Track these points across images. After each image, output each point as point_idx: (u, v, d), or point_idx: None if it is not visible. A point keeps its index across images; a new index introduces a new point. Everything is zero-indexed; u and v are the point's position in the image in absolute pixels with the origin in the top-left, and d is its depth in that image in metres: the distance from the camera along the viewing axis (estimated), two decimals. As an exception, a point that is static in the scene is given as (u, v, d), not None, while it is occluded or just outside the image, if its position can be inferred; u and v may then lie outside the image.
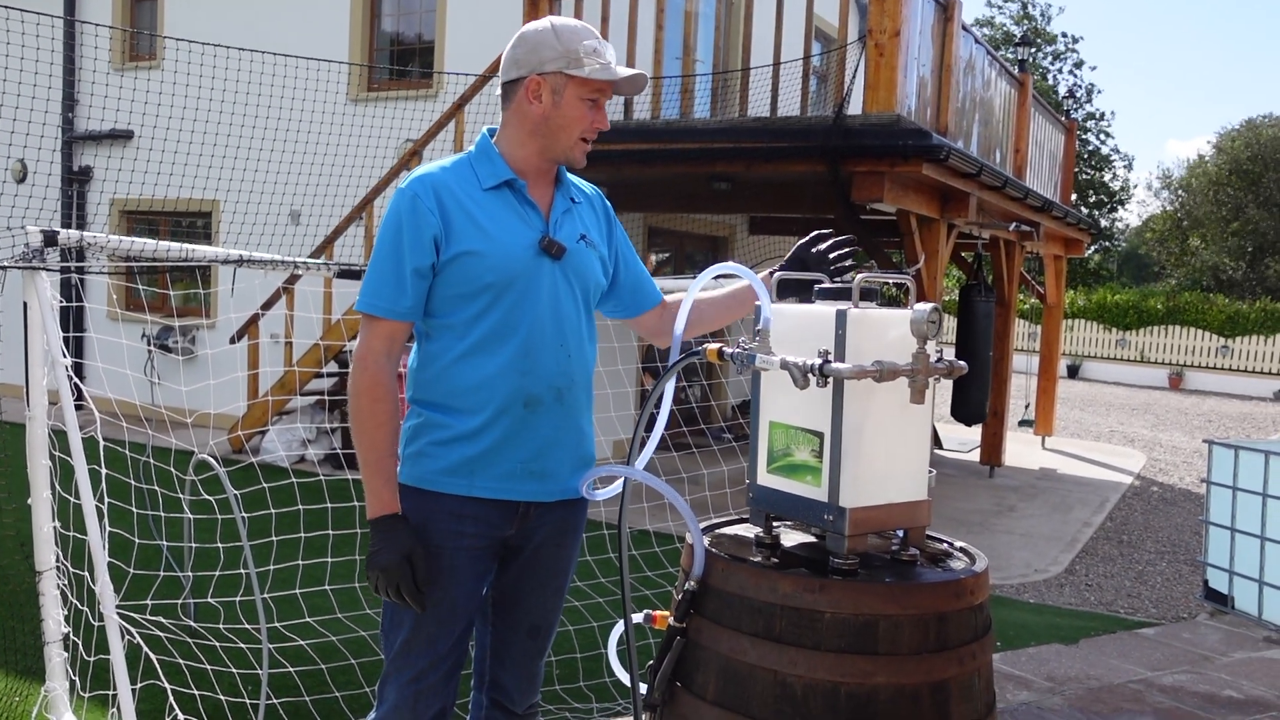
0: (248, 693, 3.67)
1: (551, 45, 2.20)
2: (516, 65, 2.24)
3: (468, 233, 2.18)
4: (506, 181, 2.24)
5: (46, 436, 3.13)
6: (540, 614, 2.41)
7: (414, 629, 2.25)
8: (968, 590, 1.94)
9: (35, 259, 3.06)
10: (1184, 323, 23.38)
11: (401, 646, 2.26)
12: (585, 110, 2.24)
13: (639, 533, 5.77)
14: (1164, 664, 4.71)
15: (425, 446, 2.23)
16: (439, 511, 2.22)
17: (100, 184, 11.16)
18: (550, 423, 2.25)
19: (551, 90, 2.21)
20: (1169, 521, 8.47)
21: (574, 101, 2.22)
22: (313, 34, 9.80)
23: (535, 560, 2.35)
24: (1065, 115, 13.03)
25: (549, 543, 2.36)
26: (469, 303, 2.19)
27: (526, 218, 2.25)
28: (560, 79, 2.21)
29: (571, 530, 2.41)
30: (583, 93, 2.22)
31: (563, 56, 2.20)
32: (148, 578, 4.03)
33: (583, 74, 2.20)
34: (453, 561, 2.22)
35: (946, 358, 1.98)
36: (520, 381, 2.21)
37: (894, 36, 6.35)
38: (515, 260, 2.19)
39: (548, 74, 2.21)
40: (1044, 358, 12.37)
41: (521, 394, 2.21)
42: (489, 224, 2.20)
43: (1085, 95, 34.40)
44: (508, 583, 2.38)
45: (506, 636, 2.40)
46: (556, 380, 2.25)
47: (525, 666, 2.43)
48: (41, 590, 3.18)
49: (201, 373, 9.69)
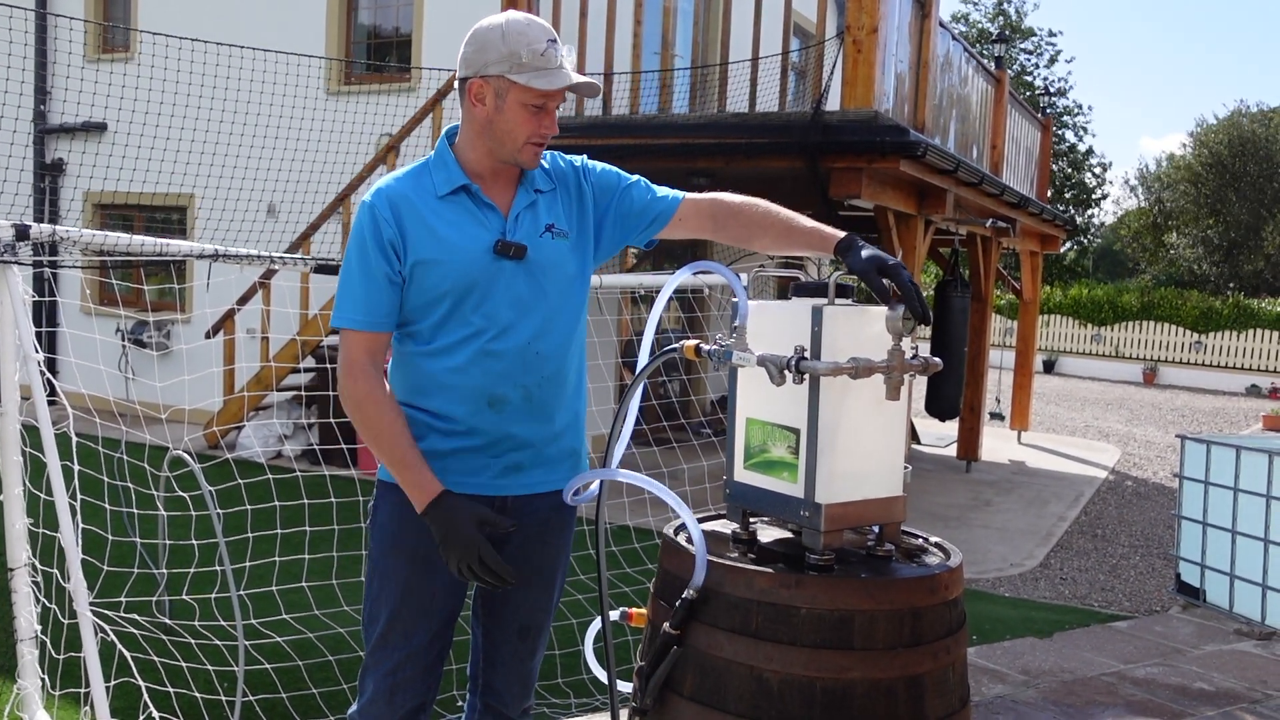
0: (224, 690, 3.65)
1: (496, 47, 2.13)
2: (465, 64, 2.19)
3: (424, 242, 2.16)
4: (461, 187, 2.22)
5: (18, 432, 3.10)
6: (529, 613, 2.39)
7: (390, 622, 2.25)
8: (942, 585, 1.96)
9: (7, 253, 3.02)
10: (1158, 318, 23.58)
11: (379, 639, 2.26)
12: (529, 116, 2.17)
13: (618, 528, 5.77)
14: (1137, 657, 4.75)
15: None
16: (412, 506, 2.20)
17: (73, 177, 11.05)
18: (520, 421, 2.24)
19: (494, 93, 2.15)
20: (1142, 516, 8.55)
21: (516, 107, 2.16)
22: (289, 27, 9.73)
23: (520, 557, 2.33)
24: (1042, 112, 13.09)
25: (534, 539, 2.34)
26: (431, 309, 2.19)
27: (484, 221, 2.22)
28: (503, 83, 2.14)
29: (557, 527, 2.39)
30: (526, 99, 2.15)
31: (506, 59, 2.12)
32: (122, 575, 4.00)
33: (524, 80, 2.13)
34: (430, 554, 2.20)
35: (922, 354, 1.99)
36: (482, 382, 2.20)
37: (872, 33, 6.37)
38: (472, 265, 2.17)
39: (490, 77, 2.14)
40: (1020, 353, 12.45)
41: (484, 394, 2.21)
42: (445, 231, 2.18)
43: (1059, 91, 34.61)
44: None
45: (496, 638, 2.39)
46: (523, 379, 2.23)
47: (517, 668, 2.40)
48: (14, 588, 3.15)
49: (176, 368, 9.62)
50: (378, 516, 2.30)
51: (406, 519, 2.20)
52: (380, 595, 2.28)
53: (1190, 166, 33.29)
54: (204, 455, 3.97)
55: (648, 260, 10.78)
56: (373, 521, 2.32)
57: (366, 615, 2.32)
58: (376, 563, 2.29)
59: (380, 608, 2.25)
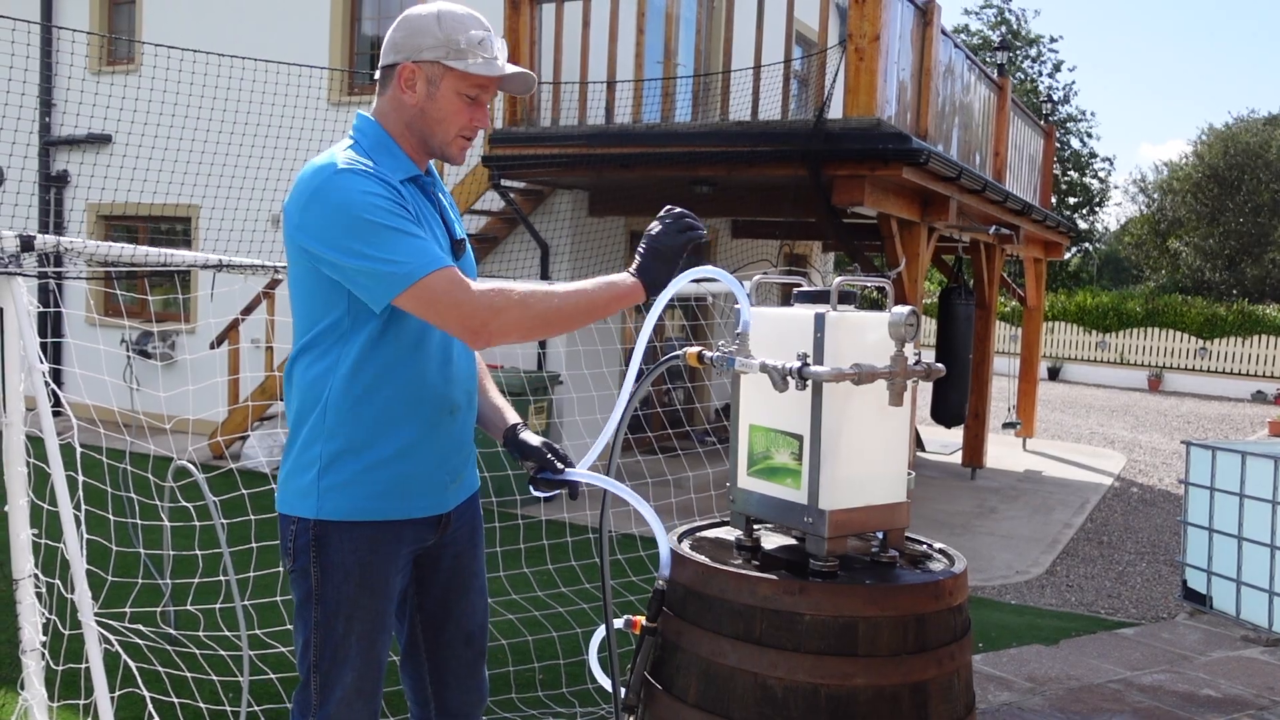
0: (228, 700, 3.64)
1: (432, 32, 2.05)
2: (394, 49, 2.08)
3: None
4: (414, 178, 2.11)
5: (23, 443, 3.11)
6: (471, 619, 2.33)
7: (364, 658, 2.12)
8: (946, 591, 1.95)
9: (11, 264, 3.03)
10: (1163, 325, 23.55)
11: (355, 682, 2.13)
12: (463, 105, 2.08)
13: (622, 536, 5.76)
14: (1143, 664, 4.74)
15: (354, 474, 2.08)
16: (381, 541, 2.11)
17: (77, 189, 11.08)
18: (465, 426, 2.22)
19: (426, 80, 2.06)
20: (1148, 522, 8.53)
21: (450, 95, 2.07)
22: (293, 38, 9.76)
23: (457, 567, 2.29)
24: (1044, 119, 13.09)
25: (466, 545, 2.30)
26: (388, 312, 2.02)
27: (432, 216, 2.12)
28: (437, 69, 2.06)
29: (478, 528, 2.36)
30: (460, 87, 2.07)
31: (442, 45, 2.04)
32: (126, 585, 4.00)
33: (461, 67, 2.05)
34: (393, 587, 2.16)
35: (925, 360, 1.99)
36: (445, 390, 2.14)
37: (874, 41, 6.38)
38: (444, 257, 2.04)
39: (424, 62, 2.06)
40: (1024, 360, 12.44)
41: (447, 403, 2.15)
42: (420, 219, 2.06)
43: (1063, 96, 34.61)
44: (432, 603, 2.28)
45: (444, 654, 2.30)
46: (468, 383, 2.21)
47: (470, 678, 2.34)
48: (18, 599, 3.15)
49: (181, 378, 9.62)
50: (335, 557, 2.08)
51: (379, 554, 2.10)
52: (347, 635, 2.11)
53: (1189, 176, 33.29)
54: (208, 465, 3.97)
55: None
56: (323, 560, 2.09)
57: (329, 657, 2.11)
58: (339, 605, 2.09)
59: (348, 649, 2.11)
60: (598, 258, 9.11)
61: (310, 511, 2.09)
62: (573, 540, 5.54)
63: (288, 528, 2.14)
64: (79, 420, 3.20)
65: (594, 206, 9.12)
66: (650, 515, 2.06)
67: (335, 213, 1.96)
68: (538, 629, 4.61)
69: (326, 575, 2.10)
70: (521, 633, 4.54)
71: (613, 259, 9.37)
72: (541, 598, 4.98)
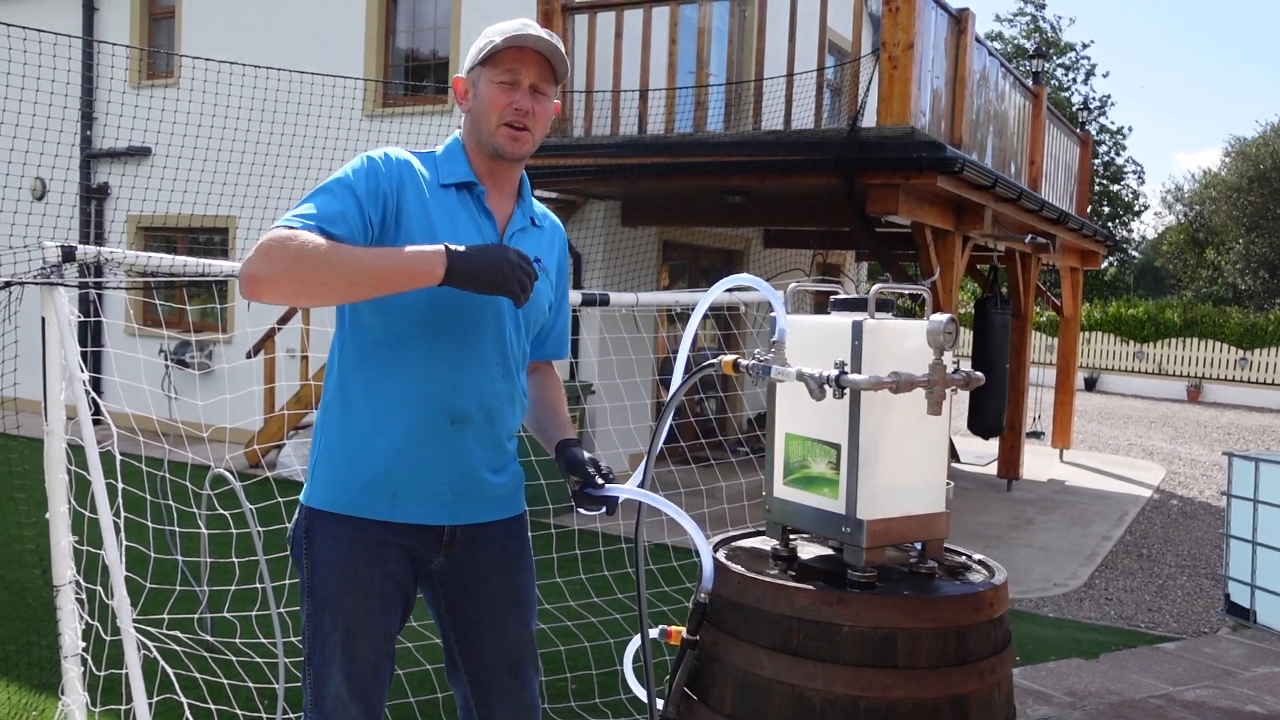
0: (264, 707, 3.66)
1: (475, 46, 2.19)
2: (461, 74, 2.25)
3: (417, 225, 2.07)
4: (466, 183, 2.18)
5: (64, 451, 3.14)
6: (513, 649, 2.29)
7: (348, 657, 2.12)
8: (987, 603, 1.92)
9: (53, 275, 3.07)
10: (1202, 335, 23.23)
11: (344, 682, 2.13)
12: (500, 92, 2.14)
13: (656, 547, 5.75)
14: (1186, 679, 4.65)
15: (341, 465, 2.12)
16: (361, 540, 2.11)
17: (118, 201, 11.24)
18: (480, 443, 2.16)
19: (471, 83, 2.19)
20: (1189, 535, 8.39)
21: (487, 85, 2.15)
22: (328, 51, 9.86)
23: (487, 595, 2.25)
24: (1080, 127, 12.98)
25: (496, 572, 2.26)
26: (405, 304, 2.05)
27: (480, 226, 2.16)
28: (476, 71, 2.18)
29: (518, 554, 2.30)
30: (493, 75, 2.14)
31: (478, 52, 2.17)
32: (164, 592, 4.04)
33: (484, 55, 2.14)
34: (383, 588, 2.14)
35: (964, 368, 1.97)
36: (450, 396, 2.11)
37: (907, 49, 6.35)
38: None
39: (469, 72, 2.20)
40: (1061, 370, 12.30)
41: (449, 410, 2.11)
42: (440, 223, 2.10)
43: (1100, 108, 34.30)
44: (467, 626, 2.27)
45: (487, 682, 2.28)
46: (490, 400, 2.16)
47: (518, 703, 2.31)
48: (59, 605, 3.19)
49: (218, 387, 9.72)
50: (321, 552, 2.12)
51: (359, 554, 2.11)
52: (333, 632, 2.13)
53: (1226, 182, 32.82)
54: (245, 474, 4.00)
55: (683, 278, 10.78)
56: (311, 554, 2.14)
57: (318, 652, 2.14)
58: (325, 601, 2.12)
59: (335, 646, 2.12)
60: (631, 267, 9.11)
61: (305, 497, 2.18)
62: (605, 550, 5.53)
63: (296, 514, 2.22)
64: (118, 428, 3.24)
65: (626, 216, 9.13)
66: (694, 530, 2.03)
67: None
68: (570, 639, 4.60)
69: (314, 568, 2.15)
70: (554, 642, 4.53)
71: (646, 269, 9.37)
72: (574, 607, 4.98)
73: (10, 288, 3.24)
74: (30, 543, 5.02)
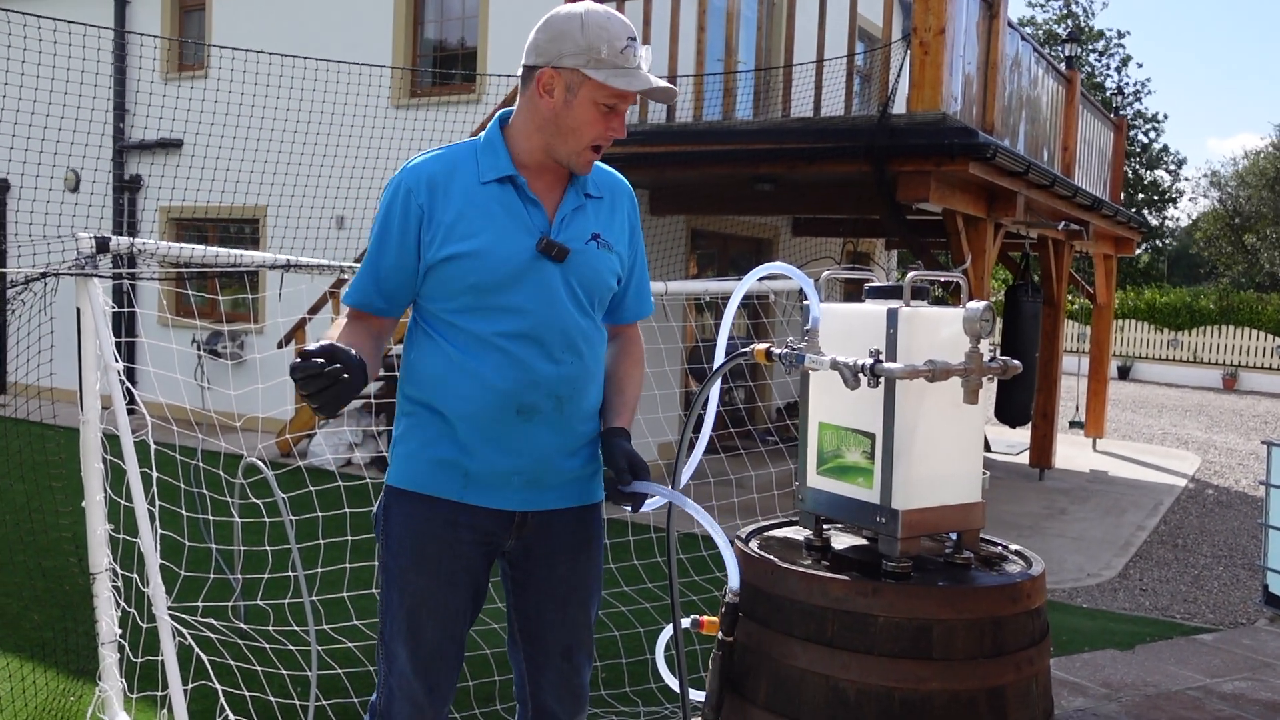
0: (297, 694, 3.69)
1: (574, 38, 2.01)
2: (536, 52, 2.07)
3: (457, 232, 2.05)
4: (508, 177, 2.10)
5: (99, 440, 3.17)
6: (570, 634, 2.29)
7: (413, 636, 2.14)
8: (1024, 594, 1.90)
9: (88, 266, 3.10)
10: (1237, 323, 22.92)
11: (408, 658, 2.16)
12: (598, 115, 2.05)
13: (687, 537, 5.74)
14: (1223, 671, 4.60)
15: (416, 447, 2.15)
16: (434, 518, 2.13)
17: (150, 192, 11.34)
18: (550, 431, 2.13)
19: (565, 87, 2.03)
20: (1225, 525, 8.29)
21: (587, 104, 2.04)
22: (357, 41, 9.89)
23: (551, 579, 2.25)
24: (1114, 112, 12.81)
25: (563, 558, 2.25)
26: (463, 304, 2.08)
27: (528, 216, 2.10)
28: (577, 77, 2.02)
29: (586, 541, 2.28)
30: (599, 96, 2.03)
31: (584, 53, 2.00)
32: (198, 580, 4.07)
33: (602, 78, 2.01)
34: (450, 568, 2.15)
35: (1000, 357, 1.94)
36: (515, 388, 2.08)
37: (939, 34, 6.27)
38: (510, 262, 2.06)
39: (564, 69, 2.02)
40: (1094, 359, 12.17)
41: (514, 401, 2.09)
42: (482, 223, 2.07)
43: (1134, 94, 33.86)
44: (529, 608, 2.27)
45: (540, 661, 2.29)
46: (557, 388, 2.13)
47: (567, 686, 2.31)
48: (95, 592, 3.22)
49: (250, 377, 9.80)
50: (394, 529, 2.18)
51: (427, 533, 2.13)
52: (400, 609, 2.17)
53: (1265, 171, 32.30)
54: (277, 463, 4.03)
55: (712, 267, 10.74)
56: (387, 531, 2.19)
57: (388, 627, 2.19)
58: (394, 577, 2.17)
59: (401, 622, 2.16)
60: (659, 256, 9.09)
61: (387, 477, 2.22)
62: (635, 539, 5.53)
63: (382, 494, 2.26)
64: (152, 418, 3.26)
65: (655, 205, 9.10)
66: (719, 535, 2.00)
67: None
68: (601, 627, 4.58)
69: (388, 545, 2.19)
70: (584, 631, 4.53)
71: (675, 258, 9.34)
72: (604, 596, 4.98)
73: (46, 279, 3.27)
74: (67, 531, 5.08)
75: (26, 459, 5.62)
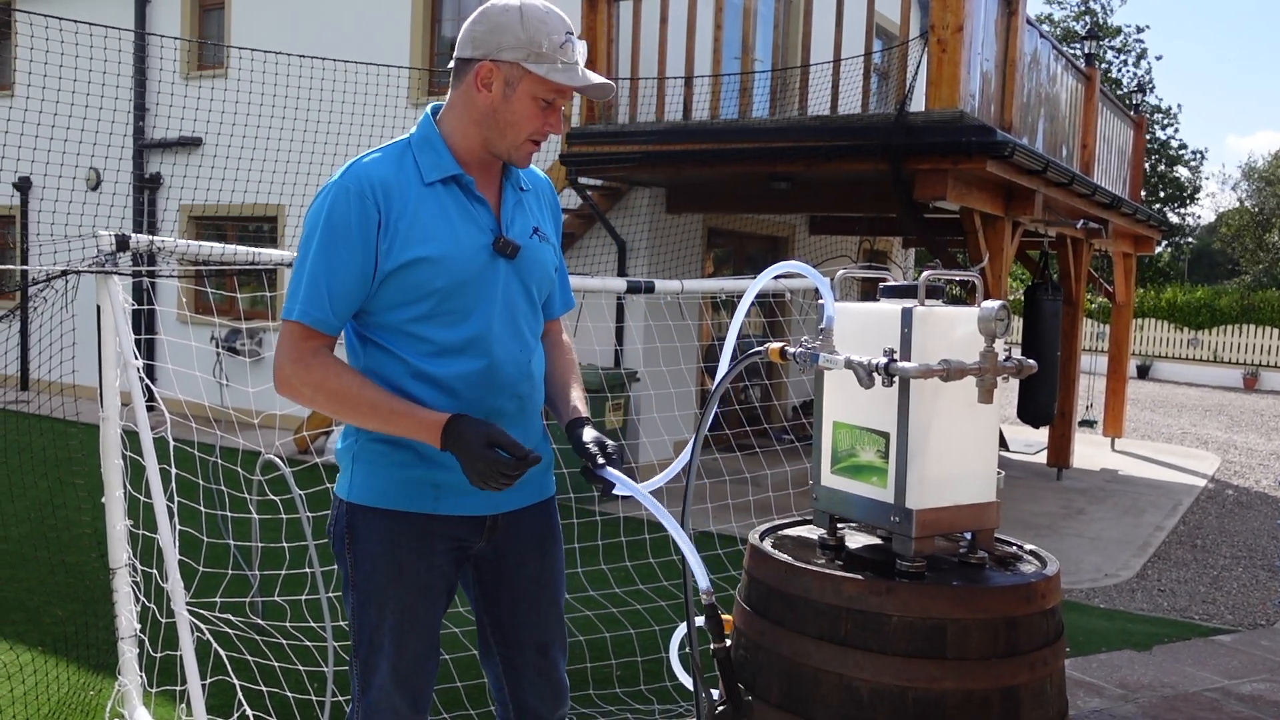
0: (314, 690, 3.71)
1: (514, 31, 1.98)
2: (473, 44, 2.02)
3: (414, 237, 2.00)
4: (453, 177, 2.06)
5: (119, 437, 3.20)
6: (545, 630, 2.29)
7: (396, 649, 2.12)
8: (1039, 594, 1.90)
9: (108, 263, 3.13)
10: (1259, 321, 22.73)
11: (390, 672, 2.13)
12: (537, 110, 2.03)
13: (700, 534, 5.74)
14: (1242, 672, 4.57)
15: (379, 464, 2.10)
16: (405, 532, 2.10)
17: (170, 190, 11.42)
18: (514, 430, 2.10)
19: (504, 81, 2.00)
20: (1245, 525, 8.23)
21: (526, 99, 2.01)
22: (374, 40, 9.92)
23: (522, 578, 2.25)
24: (1134, 109, 12.73)
25: (532, 555, 2.25)
26: (423, 310, 2.03)
27: (476, 216, 2.07)
28: (516, 71, 1.99)
29: (551, 535, 2.30)
30: (538, 91, 2.01)
31: (524, 47, 1.98)
32: (216, 576, 4.10)
33: (542, 72, 1.99)
34: (428, 580, 2.13)
35: (1015, 356, 1.94)
36: (481, 394, 2.07)
37: (957, 32, 6.25)
38: (468, 265, 2.03)
39: (503, 62, 1.99)
40: (1113, 358, 12.11)
41: (481, 406, 2.07)
42: (436, 226, 2.02)
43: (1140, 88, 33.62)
44: (502, 611, 2.26)
45: (519, 663, 2.28)
46: (518, 387, 2.13)
47: (547, 683, 2.31)
48: (115, 587, 3.25)
49: (268, 374, 9.83)
50: (365, 546, 2.11)
51: (404, 545, 2.10)
52: (380, 625, 2.12)
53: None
54: (294, 460, 4.05)
55: (728, 265, 10.73)
56: (355, 548, 2.13)
57: (365, 644, 2.14)
58: (371, 594, 2.12)
59: (382, 638, 2.12)
60: (675, 255, 9.09)
61: (345, 493, 2.15)
62: (650, 537, 5.54)
63: (333, 509, 2.20)
64: (172, 415, 3.29)
65: (671, 203, 9.10)
66: (680, 535, 2.00)
67: (308, 220, 2.08)
68: (615, 626, 4.62)
69: (358, 562, 2.13)
70: (599, 629, 4.55)
71: (691, 256, 9.34)
72: (619, 594, 4.99)
73: (67, 276, 3.30)
74: (87, 526, 5.13)
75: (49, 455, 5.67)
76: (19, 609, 4.85)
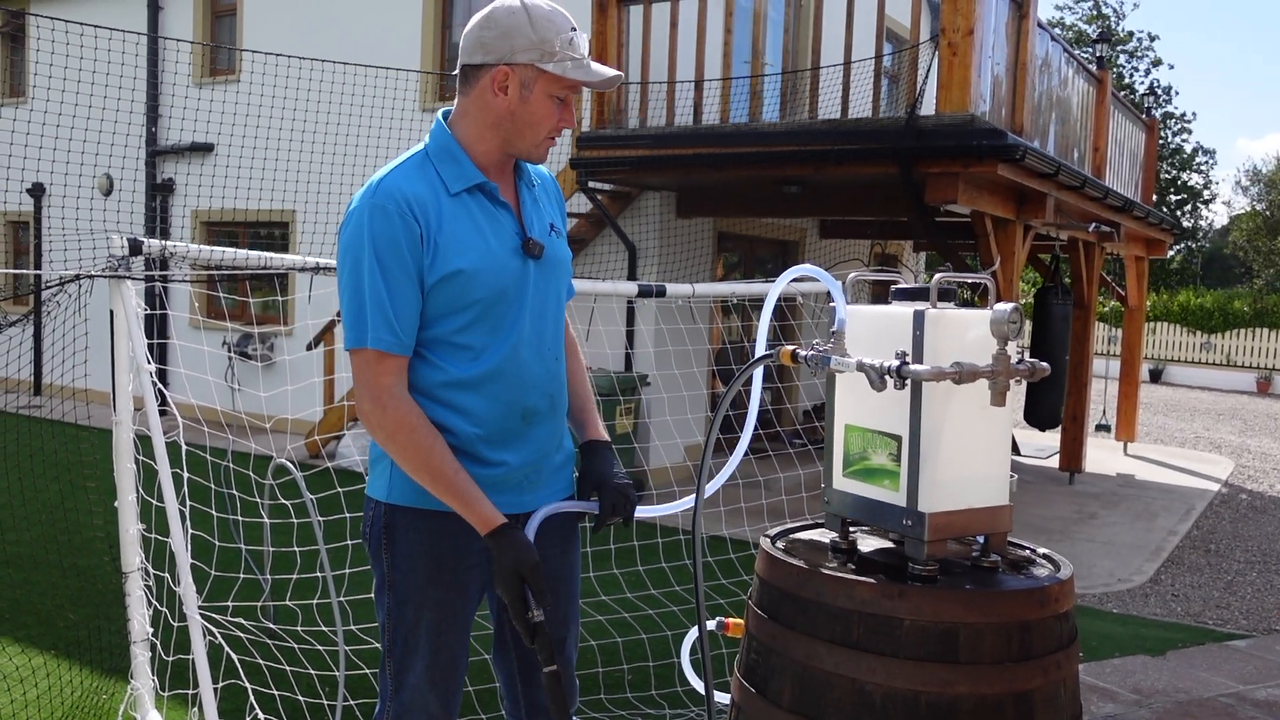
0: (325, 694, 3.71)
1: (525, 33, 1.99)
2: (483, 49, 2.02)
3: (451, 250, 2.01)
4: (477, 185, 2.07)
5: (132, 441, 3.21)
6: (562, 626, 2.30)
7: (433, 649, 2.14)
8: (1052, 598, 1.89)
9: (121, 268, 3.14)
10: (1272, 325, 22.61)
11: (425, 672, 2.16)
12: (553, 108, 2.05)
13: (712, 538, 5.73)
14: (1257, 678, 4.54)
15: None
16: (444, 532, 2.11)
17: (182, 195, 11.47)
18: (546, 431, 2.16)
19: (520, 84, 2.01)
20: (1259, 530, 8.18)
21: (543, 98, 2.03)
22: (385, 45, 9.96)
23: (544, 571, 2.23)
24: (1146, 113, 12.68)
25: (555, 551, 2.27)
26: (457, 321, 2.05)
27: (502, 222, 2.09)
28: (531, 72, 2.01)
29: (570, 531, 2.33)
30: (553, 89, 2.03)
31: (536, 47, 1.99)
32: (228, 580, 4.11)
33: (557, 70, 2.00)
34: (465, 579, 2.15)
35: (1028, 359, 1.93)
36: (517, 395, 2.11)
37: (967, 35, 6.24)
38: (503, 272, 2.06)
39: (517, 65, 2.00)
40: (1125, 362, 12.05)
41: (518, 408, 2.11)
42: (469, 237, 2.03)
43: (1165, 95, 33.52)
44: None
45: (532, 658, 2.27)
46: (549, 386, 2.16)
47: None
48: (127, 591, 3.26)
49: (280, 379, 9.89)
50: (403, 546, 2.14)
51: (444, 546, 2.12)
52: (417, 624, 2.15)
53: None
54: (305, 464, 4.06)
55: (738, 269, 10.73)
56: (393, 549, 2.15)
57: (400, 644, 2.17)
58: (409, 594, 2.15)
59: (418, 638, 2.15)
60: (686, 259, 9.09)
61: (383, 494, 2.15)
62: (662, 541, 5.53)
63: (368, 511, 2.21)
64: (184, 419, 3.30)
65: (682, 207, 9.10)
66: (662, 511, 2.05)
67: (347, 246, 2.03)
68: (627, 630, 4.61)
69: (395, 563, 2.15)
70: (610, 634, 4.54)
71: (701, 260, 9.34)
72: (630, 599, 4.98)
73: (80, 281, 3.31)
74: (100, 530, 5.15)
75: (61, 459, 5.70)
76: (32, 613, 4.87)
